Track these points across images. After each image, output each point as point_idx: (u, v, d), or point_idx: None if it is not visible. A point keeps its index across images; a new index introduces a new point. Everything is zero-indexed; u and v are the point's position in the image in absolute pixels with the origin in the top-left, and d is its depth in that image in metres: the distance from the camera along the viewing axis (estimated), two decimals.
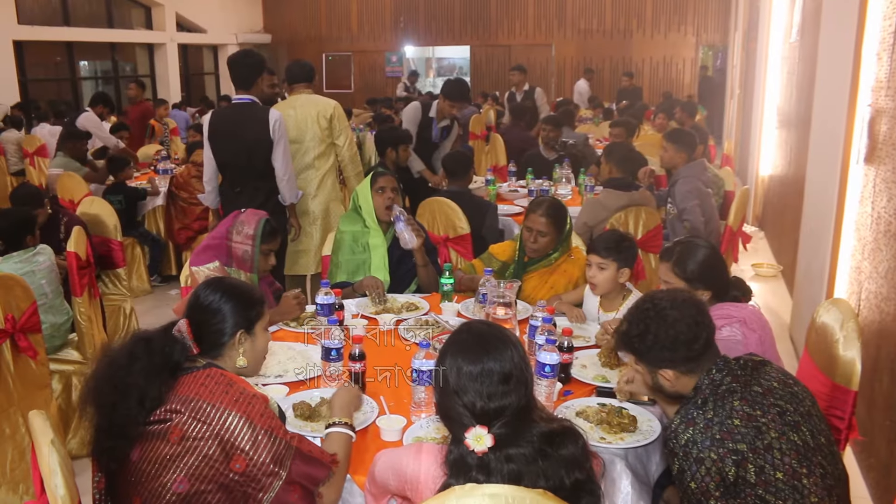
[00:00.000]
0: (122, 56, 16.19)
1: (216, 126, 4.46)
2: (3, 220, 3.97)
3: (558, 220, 3.49)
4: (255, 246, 3.20)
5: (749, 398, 1.93)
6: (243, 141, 4.39)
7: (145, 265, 6.53)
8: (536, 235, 3.48)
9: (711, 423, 1.90)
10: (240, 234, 3.23)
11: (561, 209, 3.54)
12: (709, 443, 1.86)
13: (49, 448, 1.76)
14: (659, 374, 2.08)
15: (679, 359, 2.03)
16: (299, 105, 4.88)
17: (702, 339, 2.04)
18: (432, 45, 18.51)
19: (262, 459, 1.86)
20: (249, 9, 18.54)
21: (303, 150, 4.88)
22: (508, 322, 2.90)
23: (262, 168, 4.45)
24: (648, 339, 2.05)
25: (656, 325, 2.04)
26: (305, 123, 4.84)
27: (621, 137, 6.75)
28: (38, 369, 3.50)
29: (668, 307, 2.06)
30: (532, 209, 3.53)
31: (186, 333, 2.04)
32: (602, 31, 16.02)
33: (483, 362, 1.72)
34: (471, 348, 1.76)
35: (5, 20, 12.41)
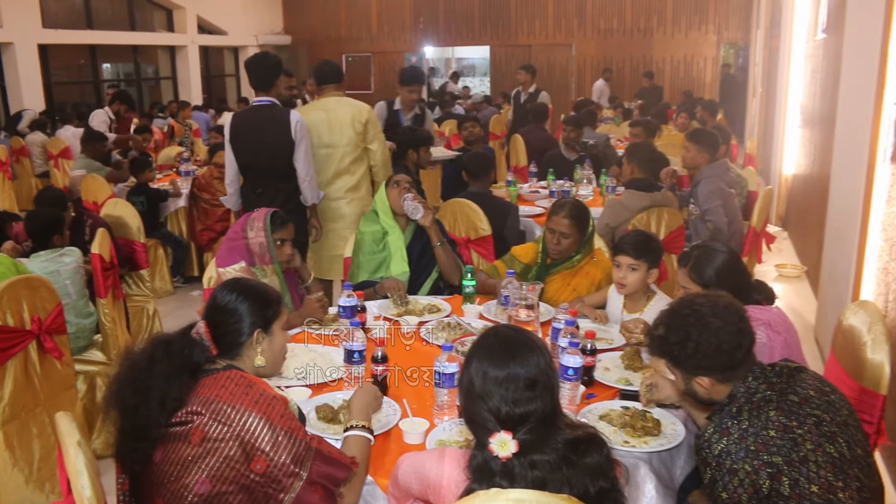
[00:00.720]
0: (144, 58, 16.34)
1: (237, 128, 4.47)
2: (33, 220, 4.02)
3: (581, 222, 3.48)
4: (268, 236, 3.23)
5: (785, 408, 1.89)
6: (265, 143, 4.40)
7: (168, 266, 6.58)
8: (559, 237, 3.47)
9: (746, 433, 1.86)
10: (252, 230, 3.26)
11: (584, 211, 3.52)
12: (743, 454, 1.82)
13: (76, 450, 1.78)
14: (695, 381, 2.05)
15: (719, 367, 2.00)
16: (331, 108, 4.79)
17: (744, 348, 2.00)
18: (452, 46, 18.51)
19: (283, 460, 1.87)
20: (270, 10, 18.63)
21: (338, 154, 4.79)
22: (531, 324, 2.89)
23: (283, 169, 4.45)
24: (689, 346, 2.00)
25: (698, 333, 1.99)
26: (341, 127, 4.75)
27: (640, 137, 6.71)
28: (63, 370, 3.53)
29: (709, 314, 2.00)
30: (555, 211, 3.51)
31: (205, 335, 2.05)
32: (622, 30, 15.94)
33: (509, 367, 1.71)
34: (497, 353, 1.75)
35: (30, 24, 12.55)
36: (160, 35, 16.08)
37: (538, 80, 9.93)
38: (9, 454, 3.26)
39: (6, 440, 3.25)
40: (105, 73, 15.86)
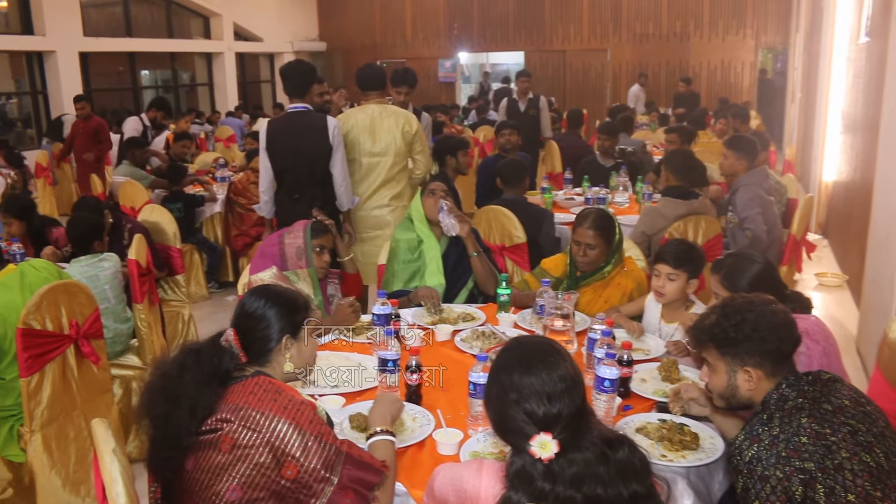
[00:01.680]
0: (181, 65, 16.57)
1: (274, 135, 4.47)
2: (75, 226, 4.06)
3: (606, 232, 3.41)
4: (307, 240, 3.24)
5: (818, 416, 1.86)
6: (303, 148, 4.40)
7: (203, 271, 6.63)
8: (585, 249, 3.41)
9: (777, 440, 1.84)
10: (290, 235, 3.29)
11: (608, 220, 3.46)
12: (774, 460, 1.80)
13: (111, 457, 1.79)
14: (742, 370, 2.02)
15: (771, 354, 1.98)
16: (377, 115, 4.75)
17: (792, 340, 2.01)
18: (486, 51, 18.48)
19: (313, 465, 1.87)
20: (305, 17, 18.78)
21: (386, 163, 4.77)
22: (566, 334, 2.85)
23: (321, 175, 4.46)
24: (745, 327, 2.00)
25: (755, 316, 2.00)
26: (391, 137, 4.73)
27: (676, 144, 6.63)
28: (100, 374, 3.57)
29: (762, 303, 2.04)
30: (579, 223, 3.45)
31: (234, 342, 2.06)
32: (658, 34, 15.79)
33: (540, 370, 1.71)
34: (523, 358, 1.75)
35: (72, 33, 12.80)
36: (197, 42, 16.29)
37: (574, 85, 9.86)
38: (47, 457, 3.30)
39: (45, 443, 3.29)
40: (143, 79, 16.10)
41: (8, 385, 3.27)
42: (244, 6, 16.65)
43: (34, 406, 3.22)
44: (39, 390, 3.24)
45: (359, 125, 4.69)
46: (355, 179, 4.76)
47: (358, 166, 4.75)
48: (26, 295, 3.23)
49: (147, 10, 15.34)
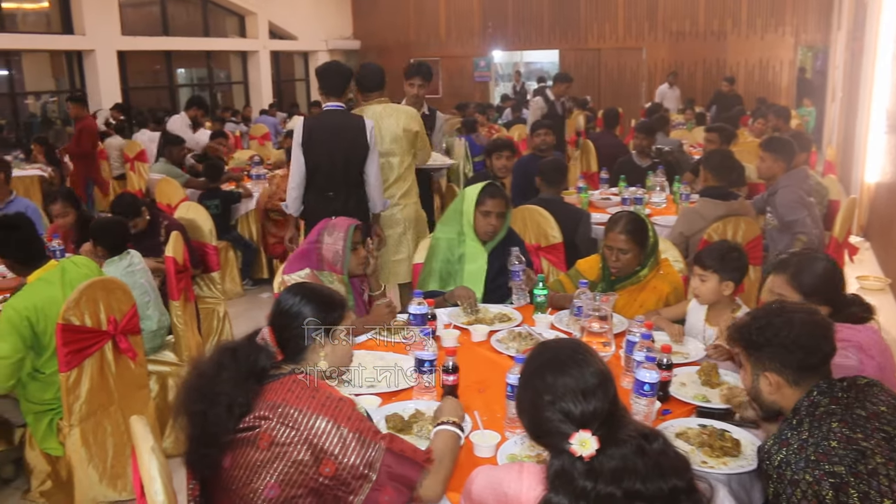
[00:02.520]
0: (216, 63, 16.75)
1: (311, 131, 4.45)
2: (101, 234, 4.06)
3: (639, 236, 3.34)
4: (346, 245, 3.22)
5: (849, 421, 1.84)
6: (340, 146, 4.39)
7: (238, 269, 6.67)
8: (618, 254, 3.35)
9: (806, 443, 1.82)
10: (331, 236, 3.26)
11: (640, 223, 3.38)
12: (803, 464, 1.79)
13: (150, 455, 1.80)
14: (763, 375, 2.01)
15: (791, 364, 1.97)
16: (386, 115, 4.76)
17: (820, 354, 1.97)
18: (520, 50, 18.41)
19: (352, 462, 1.86)
20: (339, 16, 18.86)
21: (397, 162, 4.79)
22: (604, 336, 2.81)
23: (355, 174, 4.46)
24: (768, 332, 1.99)
25: (780, 322, 1.98)
26: (397, 136, 4.76)
27: (715, 143, 6.53)
28: (137, 370, 3.61)
29: (797, 311, 2.01)
30: (610, 227, 3.39)
31: (270, 340, 2.06)
32: (695, 32, 15.59)
33: (570, 367, 1.70)
34: (553, 360, 1.74)
35: (110, 32, 12.99)
36: (233, 41, 16.44)
37: (609, 84, 9.77)
38: (84, 451, 3.34)
39: (83, 437, 3.33)
40: (179, 78, 16.29)
41: (48, 379, 3.31)
42: (279, 5, 16.76)
43: (73, 400, 3.26)
44: (78, 385, 3.27)
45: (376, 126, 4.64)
46: None
47: None
48: (67, 291, 3.27)
49: (183, 10, 15.51)
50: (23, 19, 12.95)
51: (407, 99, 5.41)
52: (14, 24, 12.54)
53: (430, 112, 5.58)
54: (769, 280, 2.67)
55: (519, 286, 3.44)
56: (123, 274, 3.85)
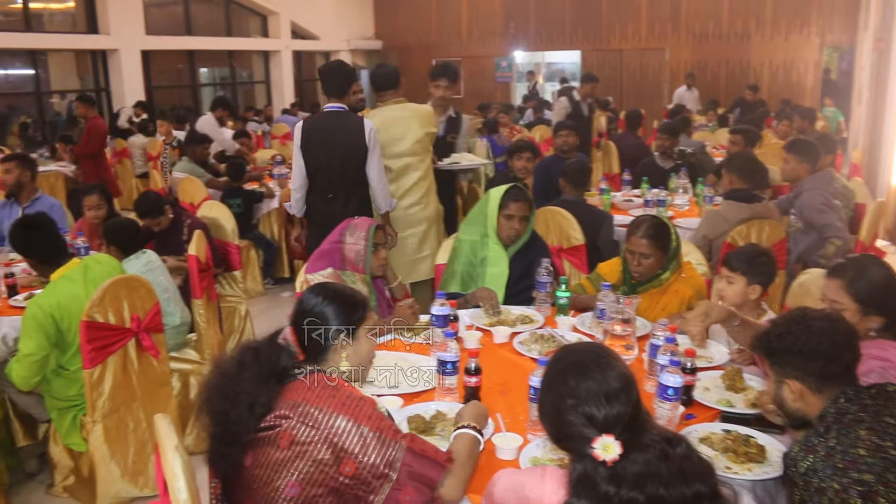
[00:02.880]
0: (239, 63, 16.84)
1: (309, 132, 4.42)
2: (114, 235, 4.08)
3: (661, 240, 3.32)
4: (368, 246, 3.22)
5: (878, 428, 1.81)
6: (337, 147, 4.37)
7: (259, 267, 6.70)
8: (640, 258, 3.33)
9: (833, 451, 1.79)
10: (352, 235, 3.26)
11: (662, 228, 3.35)
12: (830, 472, 1.76)
13: (174, 453, 1.80)
14: (785, 383, 1.98)
15: (812, 372, 1.94)
16: (401, 116, 4.73)
17: (843, 361, 1.94)
18: (542, 50, 18.34)
19: (372, 461, 1.86)
20: (361, 16, 18.90)
21: (416, 162, 4.79)
22: (627, 339, 2.79)
23: (354, 175, 4.42)
24: (787, 340, 1.96)
25: (799, 329, 1.96)
26: (422, 137, 4.74)
27: (739, 145, 6.48)
28: (159, 367, 3.63)
29: (818, 318, 1.98)
30: (632, 231, 3.37)
31: (291, 340, 2.07)
32: (718, 33, 15.44)
33: (593, 371, 1.69)
34: (576, 363, 1.73)
35: (135, 32, 13.10)
36: (255, 40, 16.52)
37: (631, 85, 9.70)
38: (107, 447, 3.38)
39: (105, 433, 3.36)
40: (202, 77, 16.39)
41: (72, 376, 3.34)
42: (301, 5, 16.82)
43: (96, 397, 3.30)
44: (101, 382, 3.31)
45: (383, 128, 4.62)
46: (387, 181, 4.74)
47: (387, 169, 4.72)
48: (89, 288, 3.30)
49: (207, 9, 15.61)
50: (49, 19, 13.10)
51: (433, 101, 5.35)
52: (41, 24, 12.69)
53: (455, 115, 5.49)
54: (823, 285, 2.61)
55: (543, 298, 3.41)
56: (142, 272, 3.87)
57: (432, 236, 4.91)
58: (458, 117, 5.45)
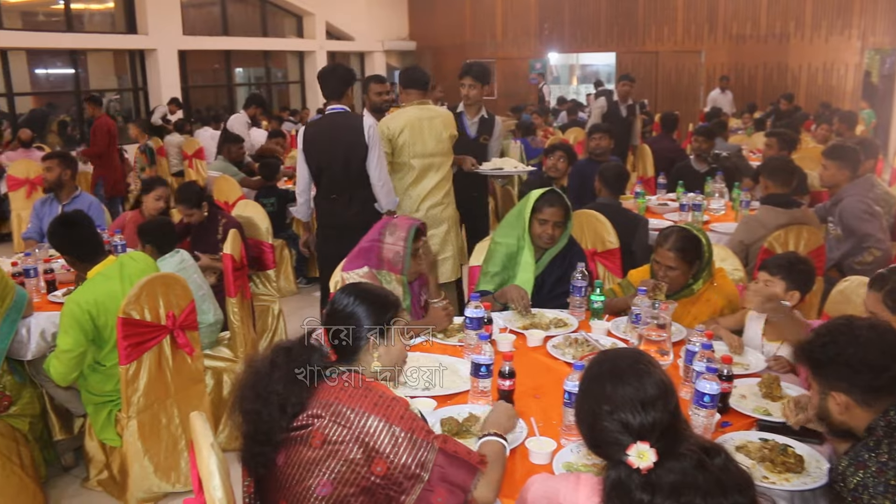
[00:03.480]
0: (274, 63, 16.98)
1: (311, 135, 4.45)
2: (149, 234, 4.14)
3: (687, 254, 3.27)
4: (407, 247, 3.21)
5: None
6: (338, 146, 4.39)
7: (292, 267, 6.74)
8: (665, 270, 3.29)
9: (886, 467, 1.75)
10: (392, 236, 3.25)
11: (691, 242, 3.29)
12: (882, 489, 1.72)
13: (209, 451, 1.81)
14: (831, 395, 1.93)
15: (859, 385, 1.88)
16: (424, 117, 4.77)
17: (891, 372, 1.87)
18: (577, 52, 18.25)
19: (403, 462, 1.86)
20: (396, 17, 18.96)
21: (440, 163, 4.84)
22: (662, 344, 2.77)
23: (356, 174, 4.44)
24: (831, 350, 1.91)
25: (845, 340, 1.90)
26: (445, 138, 4.80)
27: (774, 149, 6.39)
28: (193, 365, 3.66)
29: (863, 327, 1.92)
30: (660, 242, 3.33)
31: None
32: (756, 35, 15.22)
33: (630, 377, 1.67)
34: (614, 369, 1.71)
35: (172, 32, 13.26)
36: (290, 41, 16.64)
37: (666, 87, 9.59)
38: (141, 443, 3.41)
39: (140, 429, 3.40)
40: (237, 77, 16.55)
41: (108, 372, 3.38)
42: (336, 6, 16.92)
43: (131, 393, 3.33)
44: (137, 378, 3.34)
45: (409, 128, 4.66)
46: (409, 181, 4.76)
47: (409, 168, 4.75)
48: (125, 285, 3.34)
49: (243, 10, 15.76)
50: (89, 19, 13.31)
51: (463, 101, 5.32)
52: (81, 25, 12.89)
53: (488, 116, 5.41)
54: (865, 297, 2.57)
55: (577, 303, 3.38)
56: (177, 270, 3.91)
57: (453, 237, 4.97)
58: (490, 119, 5.39)
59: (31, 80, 13.51)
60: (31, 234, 5.26)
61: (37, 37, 12.22)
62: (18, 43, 11.79)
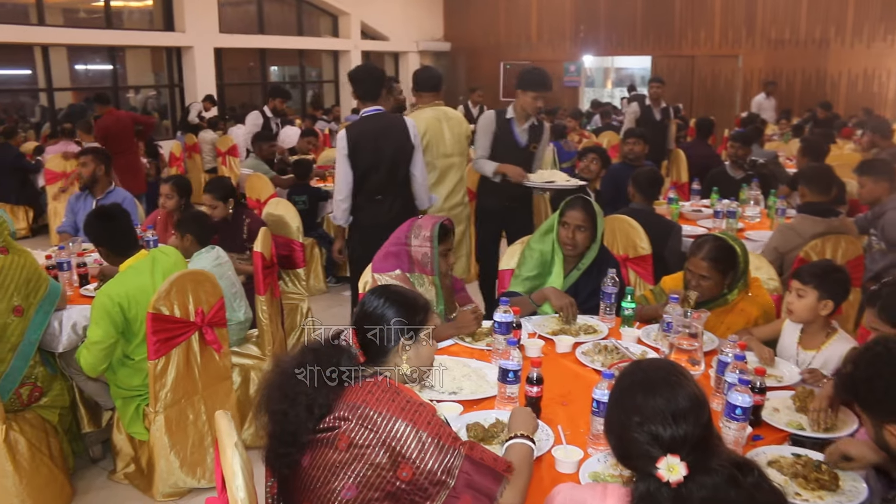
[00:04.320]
0: (308, 62, 17.08)
1: (356, 139, 4.36)
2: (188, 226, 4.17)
3: (721, 264, 3.21)
4: (434, 247, 3.19)
5: None
6: (386, 149, 4.36)
7: (322, 266, 6.75)
8: (699, 279, 3.23)
9: None
10: (417, 238, 3.23)
11: (726, 252, 3.22)
12: None
13: (233, 451, 1.81)
14: (886, 428, 1.85)
15: None
16: (443, 118, 4.86)
17: None
18: (612, 55, 18.12)
19: (429, 468, 1.84)
20: (431, 18, 18.96)
21: (458, 162, 4.93)
22: (693, 354, 2.71)
23: (402, 175, 4.46)
24: (878, 386, 1.83)
25: (889, 371, 1.82)
26: (461, 139, 4.87)
27: (803, 158, 6.27)
28: (221, 362, 3.68)
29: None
30: (693, 251, 3.26)
31: (352, 342, 2.06)
32: (795, 40, 14.96)
33: (662, 388, 1.63)
34: (645, 380, 1.68)
35: (209, 29, 13.38)
36: (325, 40, 16.72)
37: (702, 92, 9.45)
38: (168, 437, 3.43)
39: (167, 424, 3.42)
40: (272, 75, 16.66)
41: (136, 366, 3.41)
42: (372, 6, 16.96)
43: (159, 388, 3.36)
44: (165, 373, 3.37)
45: (430, 129, 4.68)
46: (432, 181, 4.81)
47: (432, 168, 4.81)
48: (156, 279, 3.37)
49: (279, 9, 15.87)
50: (128, 16, 13.48)
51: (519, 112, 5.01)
52: (120, 21, 13.06)
53: (538, 123, 5.13)
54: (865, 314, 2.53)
55: (608, 308, 3.33)
56: (213, 266, 3.94)
57: (467, 237, 5.06)
58: (540, 126, 5.13)
59: (71, 76, 13.71)
60: (65, 227, 5.33)
61: (76, 33, 12.40)
62: (59, 39, 11.96)
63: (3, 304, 3.27)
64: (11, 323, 3.30)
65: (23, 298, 3.34)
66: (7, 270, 3.30)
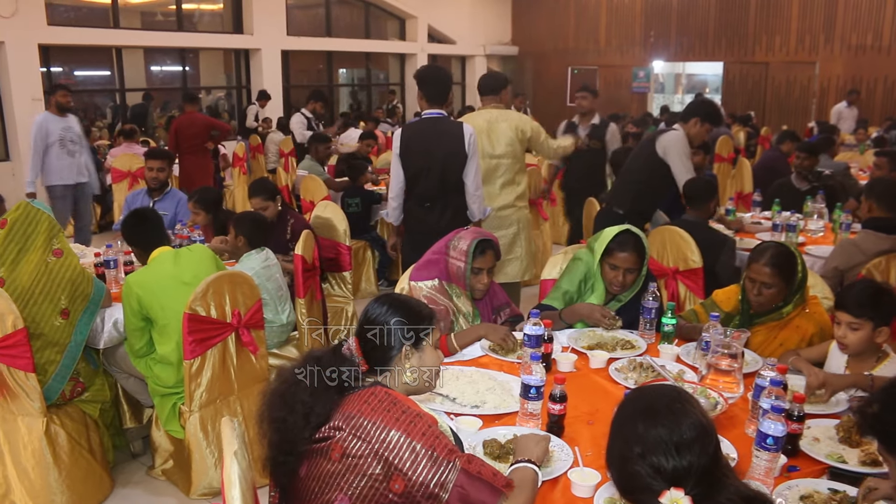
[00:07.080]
0: (375, 65, 17.21)
1: (408, 140, 4.37)
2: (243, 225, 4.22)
3: (785, 271, 3.05)
4: (468, 262, 3.15)
5: None
6: (437, 153, 4.31)
7: (374, 269, 6.75)
8: (760, 287, 3.07)
9: None
10: (455, 250, 3.20)
11: (789, 258, 3.07)
12: None
13: (231, 459, 1.77)
14: None
15: None
16: (493, 119, 4.85)
17: None
18: (683, 61, 17.74)
19: (422, 480, 1.79)
20: (499, 22, 18.90)
21: (506, 164, 4.88)
22: (732, 375, 2.58)
23: (453, 182, 4.36)
24: None
25: None
26: (505, 140, 4.82)
27: (884, 169, 5.98)
28: (257, 363, 3.69)
29: None
30: (755, 258, 3.11)
31: (355, 350, 2.04)
32: (877, 46, 14.32)
33: (664, 417, 1.56)
34: (647, 408, 1.61)
35: (277, 32, 13.61)
36: (392, 43, 16.82)
37: (775, 100, 9.15)
38: (202, 436, 3.46)
39: (202, 423, 3.45)
40: (339, 77, 16.84)
41: (168, 361, 3.44)
42: (439, 9, 16.99)
43: (194, 388, 3.38)
44: (200, 373, 3.39)
45: (477, 129, 4.62)
46: None
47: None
48: (178, 269, 3.46)
49: (347, 12, 16.03)
50: (200, 19, 13.80)
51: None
52: (192, 24, 13.38)
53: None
54: None
55: (646, 324, 3.22)
56: (262, 267, 3.97)
57: (522, 240, 4.98)
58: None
59: (147, 77, 14.11)
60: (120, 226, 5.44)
61: (148, 35, 12.75)
62: (131, 41, 12.31)
63: (51, 307, 3.36)
64: (59, 326, 3.38)
65: (70, 301, 3.42)
66: (57, 272, 3.39)
